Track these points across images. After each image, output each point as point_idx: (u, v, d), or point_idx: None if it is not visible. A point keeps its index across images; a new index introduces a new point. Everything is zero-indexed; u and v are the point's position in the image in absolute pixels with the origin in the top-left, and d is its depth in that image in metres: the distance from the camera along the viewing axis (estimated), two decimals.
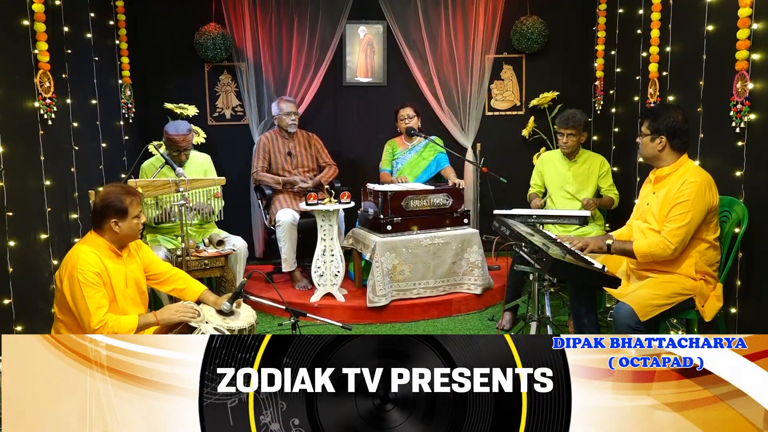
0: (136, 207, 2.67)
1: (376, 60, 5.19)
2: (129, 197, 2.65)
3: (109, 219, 2.62)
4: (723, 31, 3.06)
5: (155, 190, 3.56)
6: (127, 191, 2.68)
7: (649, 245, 2.68)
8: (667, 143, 2.70)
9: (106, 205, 2.62)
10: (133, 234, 2.70)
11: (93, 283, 2.53)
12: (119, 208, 2.61)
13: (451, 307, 4.06)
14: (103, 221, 2.63)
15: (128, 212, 2.63)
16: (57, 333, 2.70)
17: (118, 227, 2.63)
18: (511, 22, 5.09)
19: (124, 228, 2.64)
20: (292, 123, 4.53)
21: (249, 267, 4.19)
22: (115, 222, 2.62)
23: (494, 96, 5.30)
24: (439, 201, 4.13)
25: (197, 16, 4.87)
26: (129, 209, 2.63)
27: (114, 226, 2.63)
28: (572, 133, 3.85)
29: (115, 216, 2.62)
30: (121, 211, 2.62)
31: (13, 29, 3.10)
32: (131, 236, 2.70)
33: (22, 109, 3.14)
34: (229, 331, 2.77)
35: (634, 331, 2.58)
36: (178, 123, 4.05)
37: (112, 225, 2.62)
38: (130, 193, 2.67)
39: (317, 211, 3.97)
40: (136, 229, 2.69)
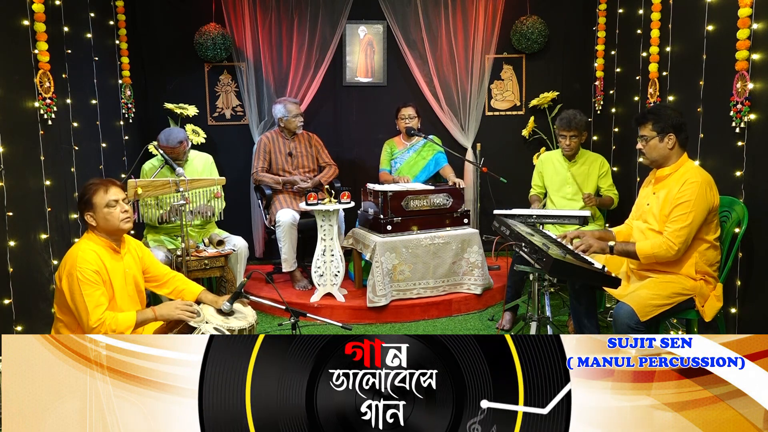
0: (102, 196, 2.58)
1: (376, 60, 5.19)
2: (95, 187, 2.59)
3: (84, 214, 2.62)
4: (723, 31, 3.05)
5: (155, 190, 3.56)
6: (96, 182, 2.62)
7: (652, 246, 2.68)
8: (676, 139, 2.71)
9: (78, 200, 2.64)
10: (112, 224, 2.60)
11: (92, 281, 2.53)
12: (85, 200, 2.59)
13: (451, 307, 4.06)
14: (83, 217, 2.63)
15: (93, 202, 2.57)
16: (57, 333, 2.70)
17: (94, 220, 2.60)
18: (511, 22, 5.09)
19: (99, 219, 2.59)
20: (301, 125, 4.55)
21: (249, 267, 4.19)
22: (90, 215, 2.60)
23: (494, 96, 5.30)
24: (439, 201, 4.13)
25: (197, 16, 4.87)
26: (93, 199, 2.57)
27: (90, 219, 2.60)
28: (574, 135, 3.84)
29: (85, 210, 2.60)
30: (88, 203, 2.59)
31: (13, 29, 3.10)
32: (111, 226, 2.61)
33: (22, 109, 3.14)
34: (229, 331, 2.77)
35: (634, 331, 2.58)
36: (171, 133, 3.95)
37: (88, 219, 2.61)
38: (99, 183, 2.61)
39: (317, 211, 3.97)
40: (111, 218, 2.59)
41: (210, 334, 2.23)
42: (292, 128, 4.53)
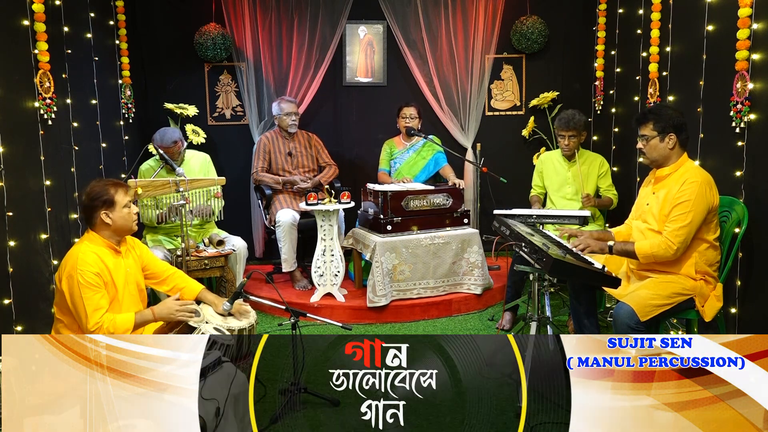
0: (123, 196, 2.63)
1: (376, 60, 5.19)
2: (114, 187, 2.63)
3: (99, 212, 2.61)
4: (723, 31, 3.05)
5: (155, 190, 3.55)
6: (112, 182, 2.66)
7: (651, 246, 2.68)
8: (677, 139, 2.71)
9: (93, 198, 2.61)
10: (127, 224, 2.65)
11: (92, 284, 2.53)
12: (106, 199, 2.60)
13: (451, 307, 4.06)
14: (94, 216, 2.62)
15: (115, 201, 2.60)
16: (57, 333, 2.70)
17: (110, 219, 2.61)
18: (511, 22, 5.09)
19: (116, 218, 2.62)
20: (293, 123, 4.53)
21: (249, 267, 4.19)
22: (106, 214, 2.61)
23: (494, 96, 5.30)
24: (439, 201, 4.13)
25: (197, 16, 4.87)
26: (116, 198, 2.61)
27: (105, 218, 2.61)
28: (573, 135, 3.84)
29: (103, 208, 2.60)
30: (109, 202, 2.60)
31: (13, 29, 3.10)
32: (126, 226, 2.66)
33: (22, 109, 3.14)
34: (229, 331, 2.77)
35: (634, 331, 2.57)
36: (165, 132, 3.94)
37: (103, 217, 2.61)
38: (114, 184, 2.65)
39: (317, 211, 3.97)
40: (128, 218, 2.65)
41: (210, 335, 2.24)
42: (284, 126, 4.53)
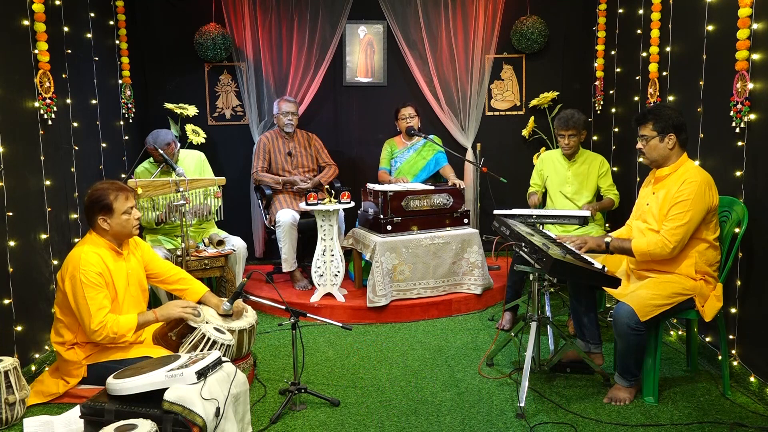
0: (123, 202, 2.62)
1: (376, 60, 5.19)
2: (114, 193, 2.62)
3: (97, 216, 2.61)
4: (723, 31, 3.05)
5: (155, 190, 3.55)
6: (116, 187, 2.64)
7: (648, 244, 2.68)
8: (677, 139, 2.71)
9: (92, 202, 2.61)
10: (125, 230, 2.65)
11: (95, 284, 2.53)
12: (104, 204, 2.59)
13: (451, 307, 4.06)
14: (93, 219, 2.63)
15: (113, 208, 2.60)
16: (57, 333, 2.70)
17: (107, 224, 2.61)
18: (511, 22, 5.09)
19: (114, 224, 2.62)
20: (289, 123, 4.53)
21: (249, 267, 4.19)
22: (103, 219, 2.61)
23: (494, 96, 5.30)
24: (439, 201, 4.13)
25: (197, 16, 4.87)
26: (114, 205, 2.60)
27: (102, 223, 2.61)
28: (573, 134, 3.84)
29: (101, 213, 2.60)
30: (107, 208, 2.60)
31: (13, 29, 3.10)
32: (124, 232, 2.66)
33: (22, 109, 3.14)
34: (229, 331, 2.77)
35: (634, 331, 2.58)
36: (158, 135, 3.93)
37: (100, 222, 2.61)
38: (117, 189, 2.64)
39: (317, 211, 3.97)
40: (127, 225, 2.64)
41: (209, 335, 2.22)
42: (281, 126, 4.54)
